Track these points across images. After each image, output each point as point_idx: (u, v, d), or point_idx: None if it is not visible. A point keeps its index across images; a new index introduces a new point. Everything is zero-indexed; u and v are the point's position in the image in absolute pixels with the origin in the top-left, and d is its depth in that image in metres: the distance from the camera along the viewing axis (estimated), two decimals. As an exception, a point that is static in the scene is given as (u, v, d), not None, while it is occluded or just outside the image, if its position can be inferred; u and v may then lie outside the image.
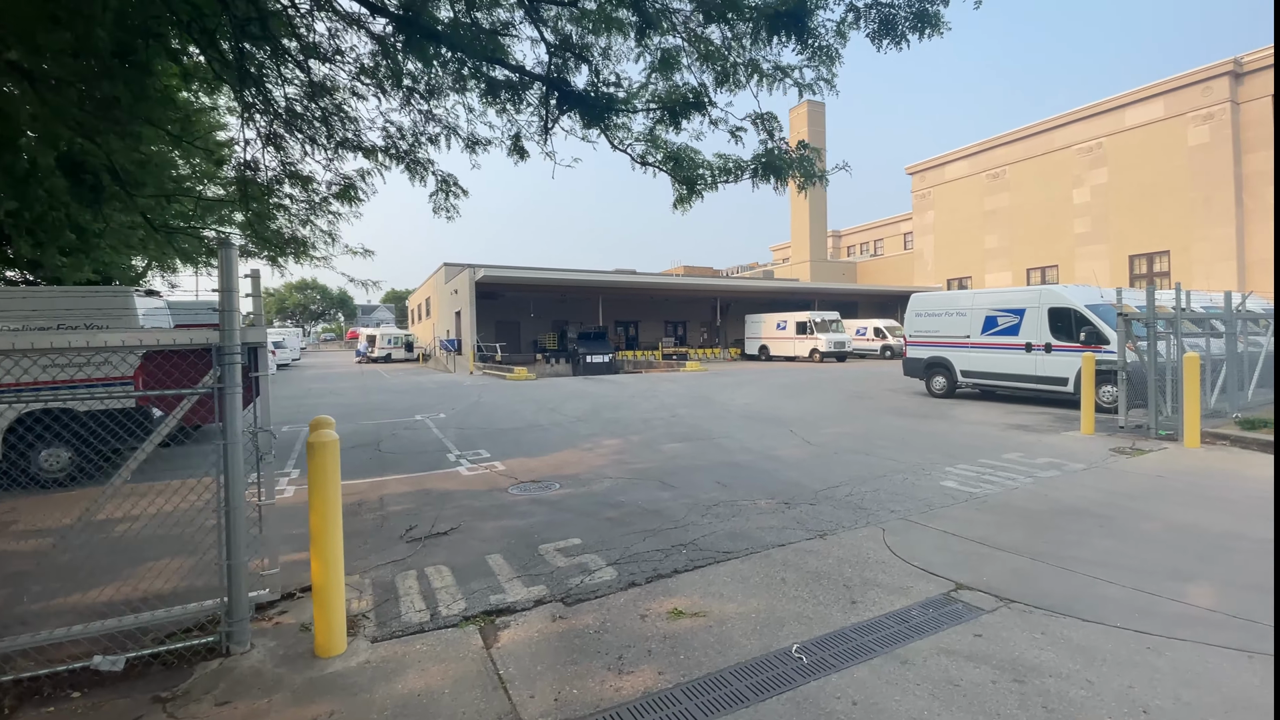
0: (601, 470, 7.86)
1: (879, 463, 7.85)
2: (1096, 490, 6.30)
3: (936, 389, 14.14)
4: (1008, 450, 8.31)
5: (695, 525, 5.58)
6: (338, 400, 16.77)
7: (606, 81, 5.41)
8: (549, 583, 4.41)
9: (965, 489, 6.53)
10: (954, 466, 7.52)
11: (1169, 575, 4.19)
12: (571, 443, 9.83)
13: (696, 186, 6.18)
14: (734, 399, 15.09)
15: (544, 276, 31.56)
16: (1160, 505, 5.74)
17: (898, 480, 6.97)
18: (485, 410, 14.01)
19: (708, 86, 5.32)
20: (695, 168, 6.31)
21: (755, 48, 5.06)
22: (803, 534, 5.28)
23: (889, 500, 6.21)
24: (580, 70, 5.31)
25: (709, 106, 5.44)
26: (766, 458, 8.37)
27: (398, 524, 5.91)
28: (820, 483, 6.96)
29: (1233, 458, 7.47)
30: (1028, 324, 12.10)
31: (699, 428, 10.97)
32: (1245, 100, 29.01)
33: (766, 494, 6.58)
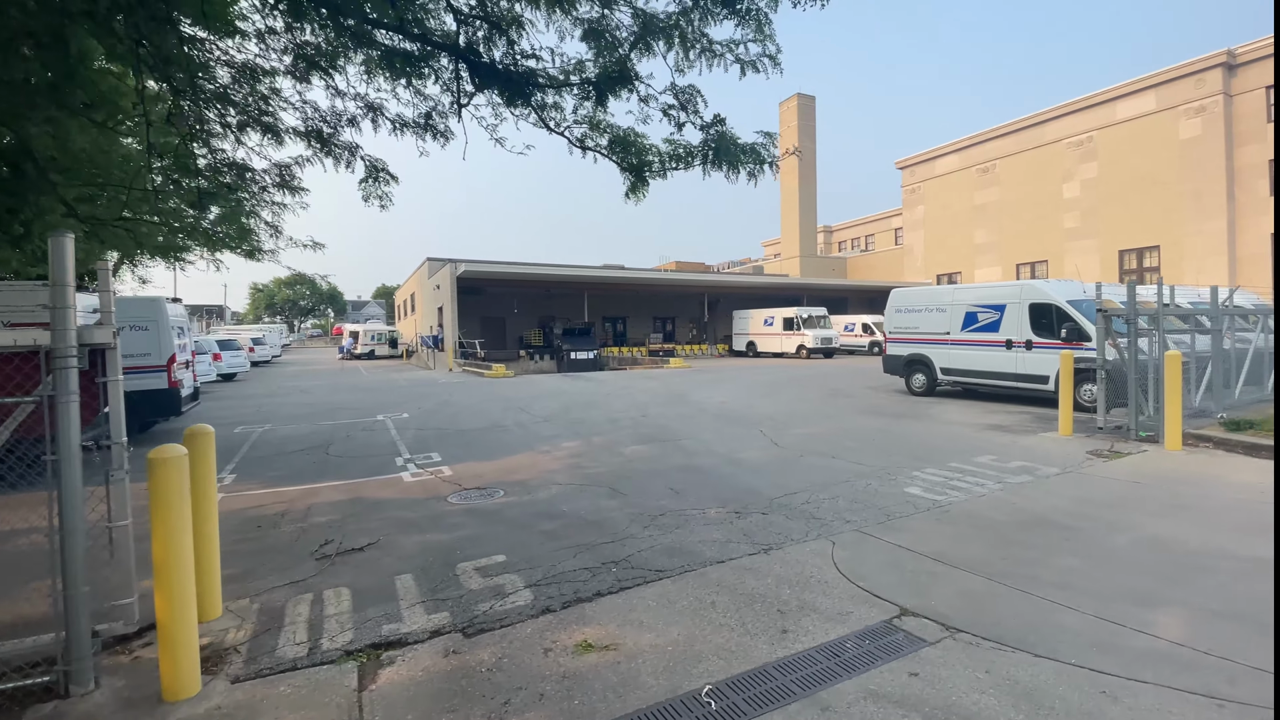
0: (553, 475, 7.44)
1: (844, 467, 7.44)
2: (1067, 498, 5.90)
3: (916, 387, 13.74)
4: (980, 453, 7.91)
5: (634, 539, 5.16)
6: (304, 399, 16.29)
7: (524, 54, 4.95)
8: (455, 609, 3.98)
9: (929, 496, 6.13)
10: (922, 471, 7.12)
11: (1136, 599, 3.78)
12: (530, 445, 9.39)
13: (643, 174, 5.74)
14: (710, 397, 14.68)
15: (527, 272, 31.07)
16: (1133, 515, 5.34)
17: (860, 486, 6.56)
18: (452, 410, 13.56)
19: (632, 61, 4.87)
20: (642, 153, 5.86)
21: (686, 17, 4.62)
22: (747, 548, 4.87)
23: (847, 509, 5.80)
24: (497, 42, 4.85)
25: (636, 82, 4.99)
26: (729, 461, 7.95)
27: (315, 538, 5.48)
28: (778, 489, 6.54)
29: (1215, 461, 7.08)
30: (1008, 320, 11.70)
31: (666, 428, 10.55)
32: (1239, 92, 28.66)
33: (719, 502, 6.16)
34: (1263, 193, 27.74)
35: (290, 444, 10.02)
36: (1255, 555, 4.36)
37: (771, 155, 5.68)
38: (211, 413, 13.98)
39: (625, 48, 4.65)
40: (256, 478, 7.82)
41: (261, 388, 20.07)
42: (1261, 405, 10.49)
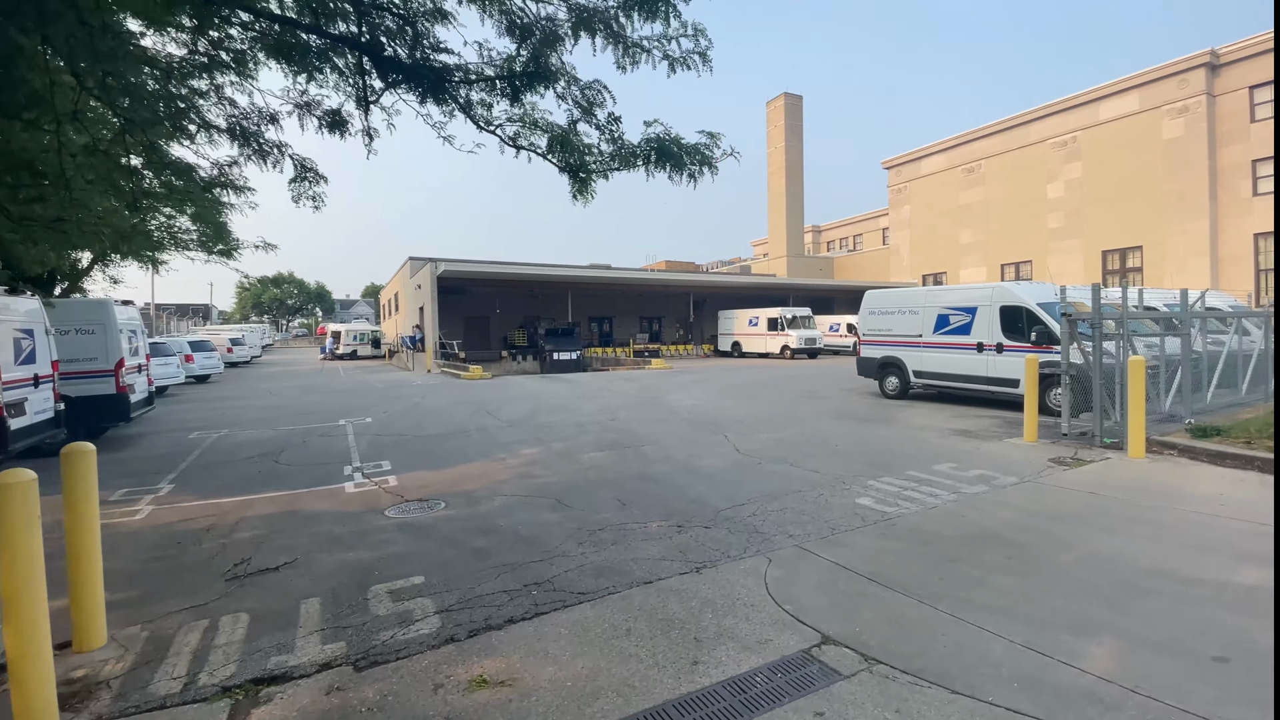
0: (501, 486, 7.19)
1: (801, 475, 7.23)
2: (1020, 510, 5.71)
3: (889, 390, 13.57)
4: (941, 460, 7.72)
5: (565, 557, 4.92)
6: (270, 403, 15.96)
7: (434, 47, 4.69)
8: (354, 638, 3.74)
9: (880, 508, 5.93)
10: (878, 480, 6.92)
11: (1070, 626, 3.58)
12: (488, 452, 9.14)
13: (580, 175, 5.50)
14: (683, 400, 14.46)
15: (509, 271, 30.76)
16: (1084, 530, 5.15)
17: (811, 497, 6.36)
18: (420, 413, 13.28)
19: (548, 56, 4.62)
20: (582, 153, 5.62)
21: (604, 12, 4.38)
22: (679, 567, 4.65)
23: (793, 522, 5.59)
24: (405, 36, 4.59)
25: (556, 78, 4.74)
26: (685, 469, 7.73)
27: (234, 555, 5.22)
28: (728, 500, 6.33)
29: (1178, 471, 6.92)
30: (979, 323, 11.54)
31: (631, 433, 10.32)
32: (1222, 93, 28.67)
33: (665, 514, 5.94)
34: (1245, 193, 27.78)
35: (243, 451, 9.73)
36: (1202, 578, 4.17)
37: (715, 155, 5.45)
38: (172, 417, 13.66)
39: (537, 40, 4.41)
40: (195, 488, 7.54)
41: (232, 390, 19.71)
42: (1234, 410, 10.36)
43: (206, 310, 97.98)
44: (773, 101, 48.23)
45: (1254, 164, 27.37)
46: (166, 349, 18.63)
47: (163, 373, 18.02)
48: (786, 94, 47.00)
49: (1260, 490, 6.11)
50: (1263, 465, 6.72)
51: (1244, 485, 6.26)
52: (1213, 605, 3.75)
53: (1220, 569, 4.29)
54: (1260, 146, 27.17)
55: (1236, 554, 4.54)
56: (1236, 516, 5.32)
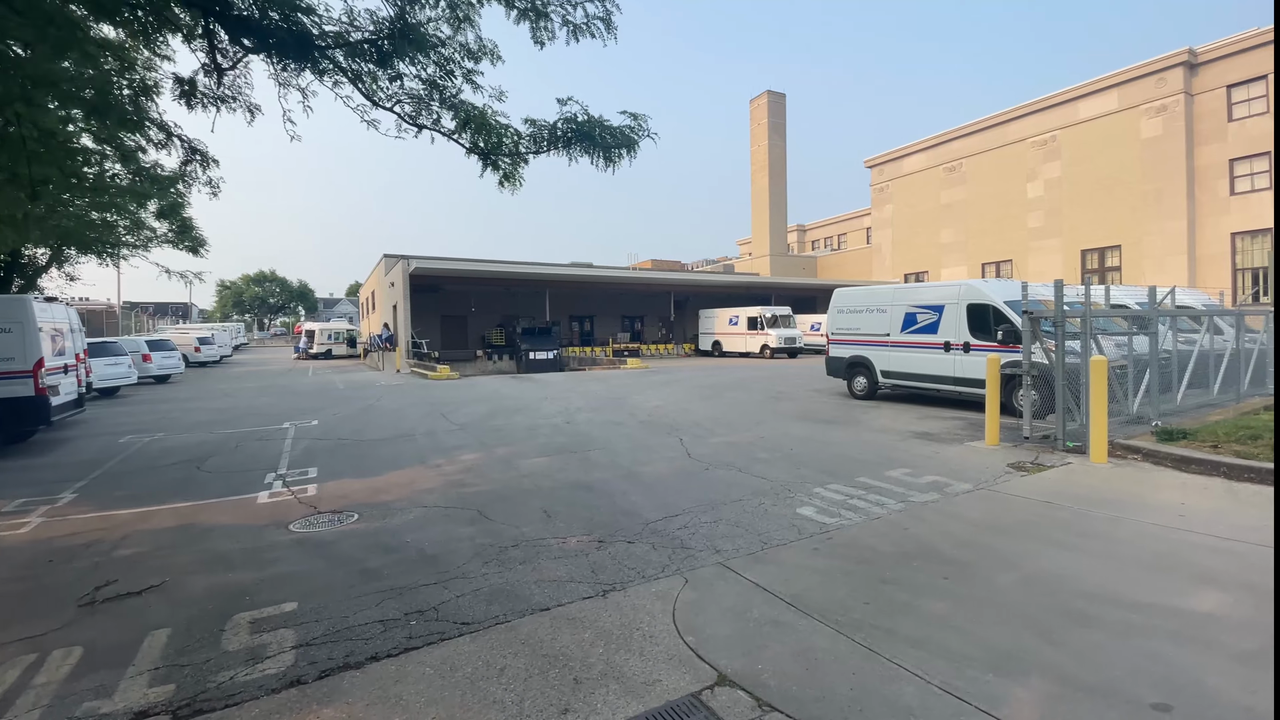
0: (425, 496, 6.71)
1: (747, 482, 6.81)
2: (967, 522, 5.30)
3: (858, 390, 13.20)
4: (895, 465, 7.32)
5: (464, 579, 4.46)
6: (221, 404, 15.34)
7: (293, 6, 4.19)
8: (188, 679, 3.26)
9: (821, 518, 5.51)
10: (826, 487, 6.50)
11: (997, 662, 3.16)
12: (425, 458, 8.65)
13: (492, 158, 5.03)
14: (648, 401, 14.02)
15: (484, 269, 30.17)
16: (1031, 545, 4.75)
17: (752, 506, 5.93)
18: (370, 416, 12.74)
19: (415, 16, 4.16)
20: (496, 133, 5.15)
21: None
22: (585, 590, 4.19)
23: (725, 535, 5.15)
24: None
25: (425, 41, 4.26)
26: (627, 476, 7.28)
27: (103, 576, 4.73)
28: (661, 511, 5.88)
29: (1141, 477, 6.55)
30: (946, 322, 11.18)
31: (584, 437, 9.86)
32: (1200, 91, 28.59)
33: (590, 527, 5.49)
34: (1222, 193, 27.72)
35: (168, 457, 9.18)
36: (1152, 603, 3.78)
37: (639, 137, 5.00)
38: (111, 419, 13.04)
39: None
40: (98, 499, 7.00)
41: (188, 391, 19.04)
42: (1204, 411, 10.07)
43: (186, 309, 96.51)
44: (756, 99, 47.89)
45: (1231, 163, 27.31)
46: (117, 348, 17.96)
47: (112, 373, 17.37)
48: (769, 92, 46.68)
49: (1224, 499, 5.75)
50: (1229, 470, 6.36)
51: (1207, 494, 5.90)
52: (1160, 637, 3.35)
53: (1173, 592, 3.89)
54: (1238, 146, 27.12)
55: (1192, 574, 4.15)
56: (1196, 529, 4.94)
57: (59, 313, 11.11)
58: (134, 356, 21.44)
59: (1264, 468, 6.13)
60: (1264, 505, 5.49)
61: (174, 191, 25.99)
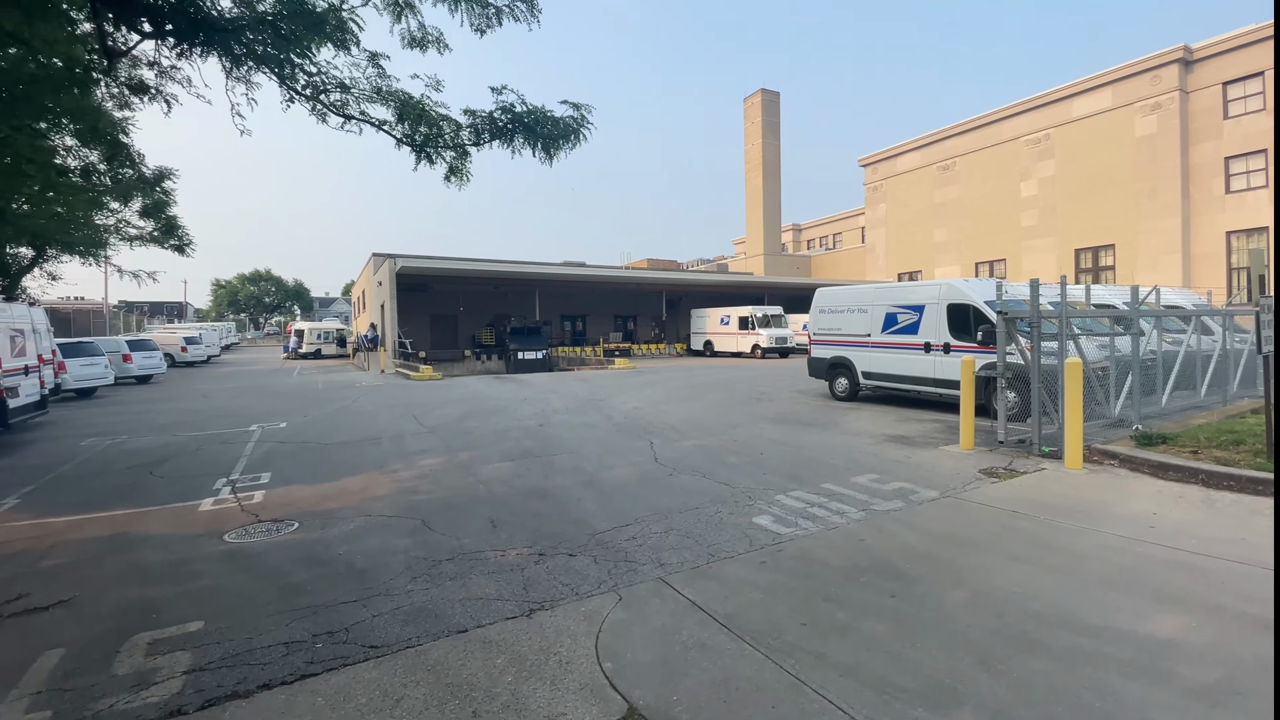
0: (372, 504, 6.46)
1: (708, 488, 6.56)
2: (926, 533, 5.06)
3: (839, 392, 12.96)
4: (864, 471, 7.07)
5: (387, 596, 4.21)
6: (194, 406, 15.08)
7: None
8: (68, 706, 3.04)
9: (776, 529, 5.26)
10: (788, 494, 6.26)
11: (929, 694, 2.92)
12: (385, 463, 8.40)
13: (427, 150, 4.79)
14: (626, 402, 13.77)
15: (473, 268, 29.88)
16: (989, 559, 4.51)
17: (708, 515, 5.68)
18: (342, 418, 12.48)
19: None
20: (432, 124, 4.90)
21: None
22: (511, 609, 3.95)
23: (672, 547, 4.91)
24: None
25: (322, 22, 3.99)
26: (586, 482, 7.03)
27: (15, 590, 4.49)
28: (614, 520, 5.64)
29: (1115, 484, 6.30)
30: (927, 322, 10.93)
31: (553, 440, 9.61)
32: (1195, 89, 28.35)
33: (534, 539, 5.25)
34: (1218, 191, 27.48)
35: (124, 461, 8.93)
36: (1107, 626, 3.53)
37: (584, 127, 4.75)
38: (76, 421, 12.77)
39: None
40: (39, 505, 6.75)
41: (166, 392, 18.77)
42: (1189, 414, 9.83)
43: (182, 308, 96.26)
44: (750, 98, 47.64)
45: (1227, 161, 27.08)
46: (92, 349, 17.70)
47: (87, 373, 17.15)
48: (763, 90, 46.43)
49: (1199, 509, 5.50)
50: (1207, 478, 6.12)
51: (1183, 503, 5.65)
52: (1110, 668, 3.10)
53: (1130, 614, 3.65)
54: (1233, 144, 26.88)
55: (1154, 594, 3.90)
56: (1165, 543, 4.70)
57: (19, 313, 10.85)
58: (114, 357, 21.21)
59: (1243, 475, 5.89)
60: (1241, 516, 5.25)
61: (159, 190, 25.68)
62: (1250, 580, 4.00)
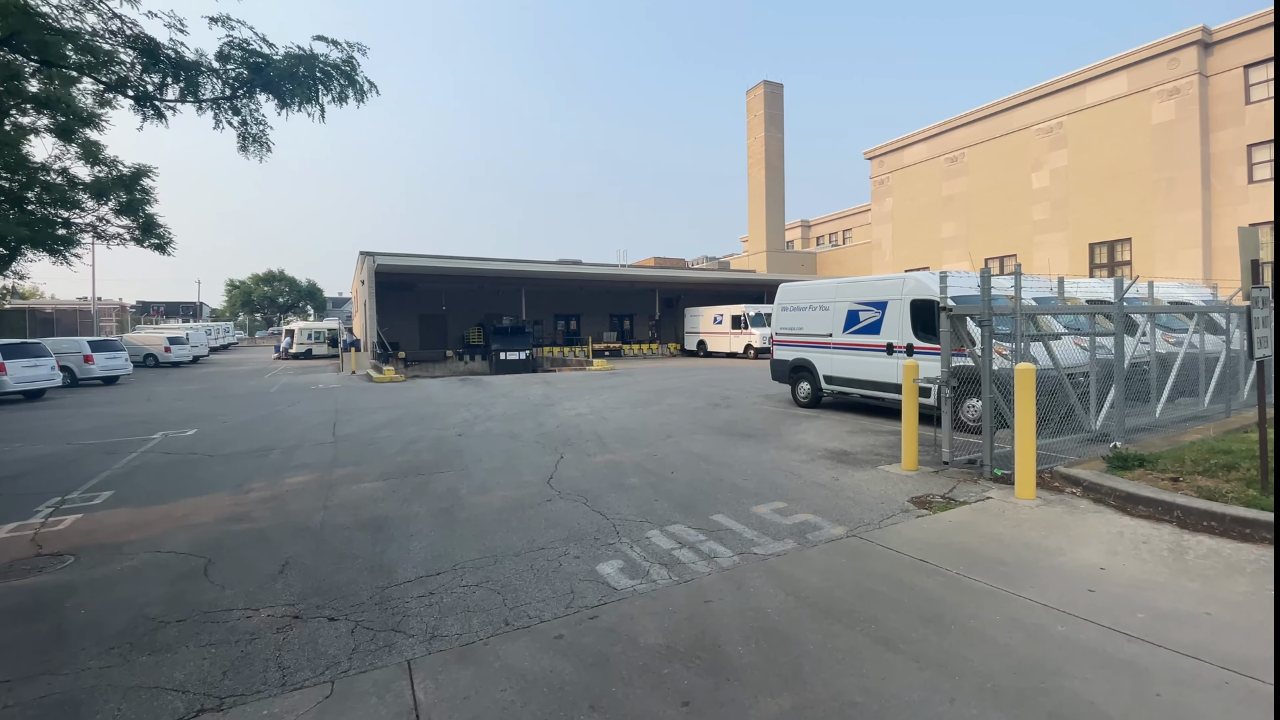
0: (180, 534, 5.49)
1: (578, 520, 5.47)
2: (795, 593, 3.91)
3: (801, 397, 11.76)
4: (773, 498, 5.92)
5: (54, 675, 3.21)
6: (125, 410, 14.29)
7: None
8: None
9: (617, 581, 4.16)
10: (665, 529, 5.15)
11: None
12: (247, 481, 7.42)
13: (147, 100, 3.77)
14: (574, 408, 12.70)
15: (454, 265, 28.99)
16: (851, 640, 3.36)
17: (548, 559, 4.60)
18: (259, 425, 11.58)
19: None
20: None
21: None
22: (179, 707, 2.91)
23: (468, 609, 3.84)
24: None
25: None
26: (442, 511, 5.97)
27: None
28: (427, 566, 4.58)
29: (1068, 522, 5.07)
30: (889, 320, 9.71)
31: (454, 454, 8.59)
32: (1215, 72, 26.55)
33: (310, 591, 4.22)
34: (1240, 180, 25.68)
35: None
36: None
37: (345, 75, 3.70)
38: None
39: None
40: None
41: (119, 395, 18.07)
42: (1187, 425, 8.55)
43: (197, 309, 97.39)
44: (752, 90, 46.28)
45: (1249, 149, 25.29)
46: (38, 350, 17.11)
47: (30, 375, 16.61)
48: (766, 82, 45.07)
49: (1164, 562, 4.28)
50: (1183, 516, 4.88)
51: (1144, 552, 4.44)
52: None
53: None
54: (1256, 130, 25.09)
55: (1052, 713, 2.73)
56: (1100, 619, 3.50)
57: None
58: (74, 358, 20.67)
59: (1227, 514, 4.65)
60: (1213, 575, 4.02)
61: (138, 189, 25.03)
62: (1195, 690, 2.80)
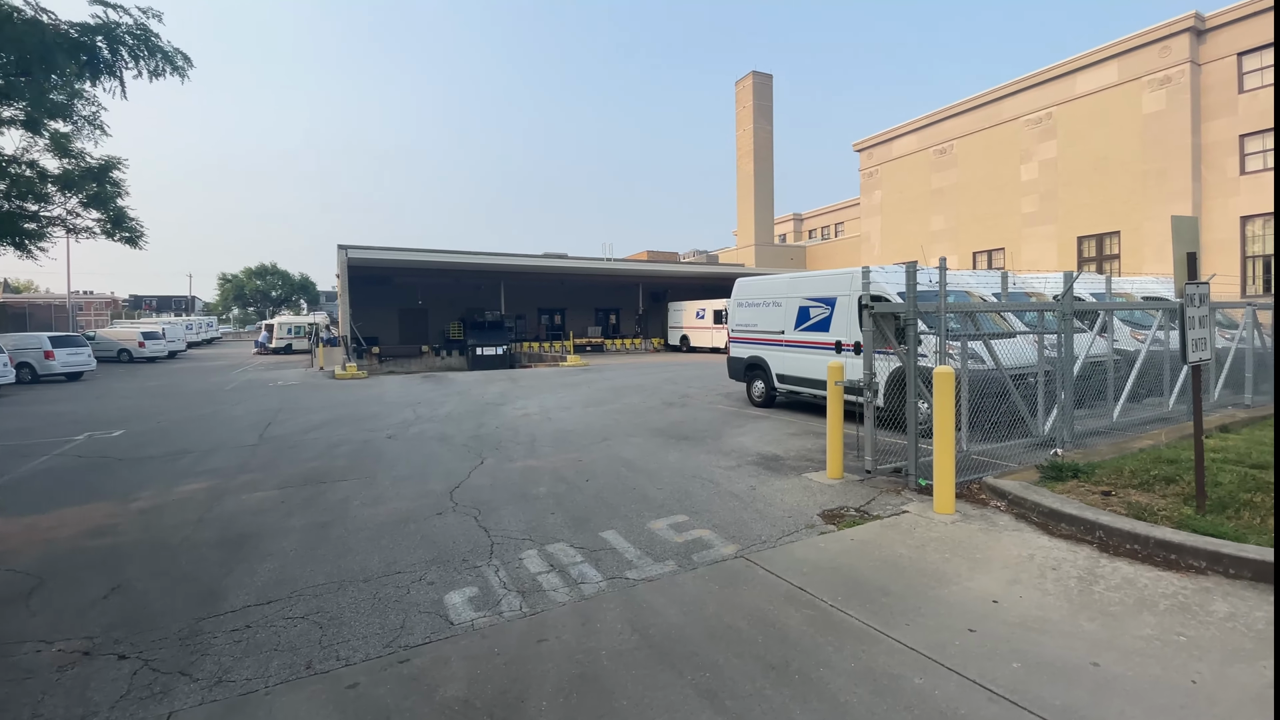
0: (28, 551, 5.04)
1: (457, 537, 5.02)
2: (642, 629, 3.45)
3: (755, 397, 11.29)
4: (678, 510, 5.46)
5: None
6: (67, 409, 13.84)
7: None
8: None
9: (460, 614, 3.71)
10: (545, 547, 4.69)
11: None
12: (138, 488, 6.99)
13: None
14: (526, 407, 12.24)
15: (429, 259, 28.42)
16: (667, 697, 2.90)
17: (398, 585, 4.15)
18: (192, 426, 11.12)
19: None
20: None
21: None
22: None
23: (278, 647, 3.40)
24: None
25: None
26: (319, 526, 5.52)
27: None
28: (262, 593, 4.13)
29: (979, 541, 4.61)
30: (838, 317, 9.23)
31: (370, 460, 8.14)
32: (1207, 60, 25.95)
33: (119, 621, 3.78)
34: (1232, 171, 25.13)
35: None
36: None
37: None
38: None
39: None
40: None
41: (73, 392, 17.60)
42: (1148, 429, 8.09)
43: (190, 302, 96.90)
44: (741, 81, 45.57)
45: (1241, 139, 24.72)
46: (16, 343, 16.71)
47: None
48: (755, 73, 44.35)
49: (1068, 593, 3.81)
50: (1104, 538, 4.42)
51: (1050, 580, 3.97)
52: None
53: None
54: (1249, 120, 24.52)
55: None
56: (970, 667, 3.03)
57: None
58: (35, 354, 20.23)
59: (1152, 537, 4.18)
60: (1119, 613, 3.53)
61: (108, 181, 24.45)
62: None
